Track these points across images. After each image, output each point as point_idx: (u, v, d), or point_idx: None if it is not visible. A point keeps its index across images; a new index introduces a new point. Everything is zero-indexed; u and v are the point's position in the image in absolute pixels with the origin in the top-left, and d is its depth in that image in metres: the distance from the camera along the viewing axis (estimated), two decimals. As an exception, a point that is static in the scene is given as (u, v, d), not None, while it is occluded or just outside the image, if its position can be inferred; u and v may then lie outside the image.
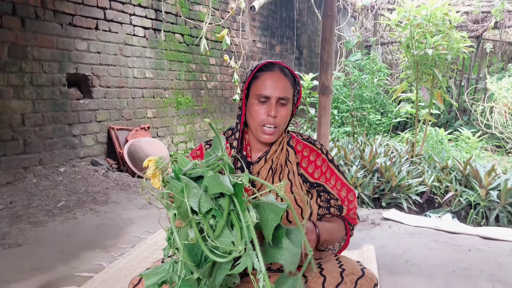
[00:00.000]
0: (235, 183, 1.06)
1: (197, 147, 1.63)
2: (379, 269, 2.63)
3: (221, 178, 1.06)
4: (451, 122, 8.69)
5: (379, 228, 3.49)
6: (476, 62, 9.41)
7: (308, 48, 10.54)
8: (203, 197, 1.05)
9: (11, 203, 3.83)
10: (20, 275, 2.50)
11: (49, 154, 4.65)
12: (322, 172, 1.58)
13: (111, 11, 5.28)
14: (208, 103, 7.24)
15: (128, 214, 3.72)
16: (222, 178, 1.05)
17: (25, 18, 4.34)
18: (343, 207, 1.58)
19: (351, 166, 4.66)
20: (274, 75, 1.49)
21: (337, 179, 1.59)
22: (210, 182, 1.05)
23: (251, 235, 1.04)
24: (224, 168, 1.12)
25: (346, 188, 1.59)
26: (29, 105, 4.43)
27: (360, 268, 1.43)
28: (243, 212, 1.05)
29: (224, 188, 1.02)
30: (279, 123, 1.49)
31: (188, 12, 6.55)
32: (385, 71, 8.24)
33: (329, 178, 1.59)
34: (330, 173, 1.59)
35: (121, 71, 5.50)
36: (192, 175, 1.13)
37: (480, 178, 4.21)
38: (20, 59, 4.33)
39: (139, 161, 5.22)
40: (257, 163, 1.56)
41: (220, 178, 1.06)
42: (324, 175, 1.58)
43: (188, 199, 1.04)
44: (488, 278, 2.53)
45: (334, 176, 1.59)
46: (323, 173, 1.58)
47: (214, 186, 1.03)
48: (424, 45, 5.02)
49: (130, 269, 2.56)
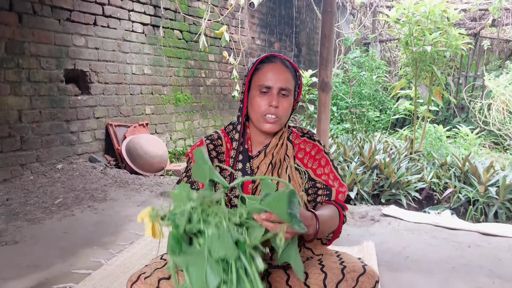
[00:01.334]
0: (237, 240, 1.03)
1: (197, 143, 1.61)
2: (379, 265, 2.62)
3: (222, 236, 1.01)
4: (449, 119, 8.70)
5: (378, 224, 3.48)
6: (474, 59, 9.41)
7: (307, 46, 10.52)
8: (208, 270, 1.00)
9: (8, 200, 3.81)
10: (17, 273, 2.48)
11: (46, 151, 4.63)
12: (316, 159, 1.58)
13: (109, 7, 5.25)
14: (207, 100, 7.22)
15: (126, 211, 3.70)
16: (223, 236, 1.01)
17: (22, 13, 4.32)
18: (332, 189, 1.53)
19: (350, 162, 4.65)
20: (276, 66, 1.50)
21: (331, 171, 1.57)
22: (213, 245, 1.01)
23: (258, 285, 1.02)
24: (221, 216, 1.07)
25: (339, 182, 1.56)
26: (26, 101, 4.41)
27: (361, 265, 1.42)
28: (250, 267, 1.02)
29: (229, 252, 0.99)
30: (281, 114, 1.49)
31: (187, 9, 6.52)
32: (383, 68, 8.23)
33: (324, 165, 1.57)
34: (325, 162, 1.58)
35: (120, 67, 5.48)
36: (192, 230, 1.09)
37: (479, 175, 4.21)
38: (17, 55, 4.30)
39: (138, 158, 5.20)
40: (257, 157, 1.55)
41: (221, 236, 1.01)
42: (318, 161, 1.57)
43: (193, 280, 1.00)
44: (487, 274, 2.53)
45: (329, 167, 1.57)
46: (316, 160, 1.57)
47: (217, 250, 1.00)
48: (423, 42, 5.01)
49: (128, 266, 2.55)
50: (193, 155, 1.20)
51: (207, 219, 1.07)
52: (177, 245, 1.06)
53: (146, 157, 5.23)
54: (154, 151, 5.33)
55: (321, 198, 1.53)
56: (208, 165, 1.18)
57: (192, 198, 1.10)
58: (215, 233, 1.03)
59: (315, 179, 1.55)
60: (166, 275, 1.33)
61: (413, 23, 5.03)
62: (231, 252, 0.99)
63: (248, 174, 1.53)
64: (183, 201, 1.11)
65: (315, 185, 1.55)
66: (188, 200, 1.10)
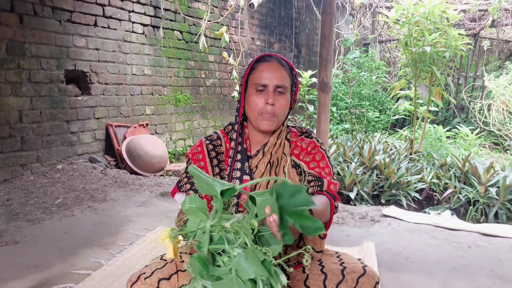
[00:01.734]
0: (264, 259, 1.01)
1: (197, 143, 1.62)
2: (379, 266, 2.62)
3: (249, 257, 1.00)
4: (449, 120, 8.70)
5: (378, 225, 3.48)
6: (473, 60, 9.41)
7: (307, 46, 10.52)
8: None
9: (8, 200, 3.81)
10: (17, 273, 2.48)
11: (46, 151, 4.63)
12: (310, 153, 1.57)
13: (110, 8, 5.26)
14: (207, 100, 7.23)
15: (126, 212, 3.70)
16: (251, 257, 1.00)
17: (23, 14, 4.32)
18: (323, 180, 1.51)
19: (350, 163, 4.66)
20: (271, 65, 1.51)
21: (326, 165, 1.56)
22: (241, 266, 1.00)
23: None
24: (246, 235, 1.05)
25: (331, 178, 1.55)
26: (27, 102, 4.41)
27: (361, 266, 1.42)
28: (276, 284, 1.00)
29: (259, 273, 0.98)
30: (278, 112, 1.50)
31: (187, 9, 6.53)
32: (383, 68, 8.23)
33: (319, 160, 1.56)
34: (321, 157, 1.57)
35: (120, 68, 5.48)
36: (215, 249, 1.07)
37: (479, 175, 4.21)
38: (18, 55, 4.30)
39: (138, 158, 5.20)
40: (255, 156, 1.56)
41: (248, 257, 1.00)
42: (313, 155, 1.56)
43: None
44: (488, 274, 2.53)
45: (324, 162, 1.56)
46: (310, 154, 1.57)
47: (247, 272, 0.98)
48: (422, 42, 5.02)
49: (128, 267, 2.55)
50: (190, 172, 1.18)
51: (226, 236, 1.06)
52: (205, 267, 1.04)
53: (146, 157, 5.23)
54: (154, 151, 5.33)
55: (312, 188, 1.51)
56: (208, 177, 1.15)
57: (210, 216, 1.08)
58: (241, 254, 1.01)
59: (307, 172, 1.54)
60: (166, 275, 1.33)
61: (413, 23, 5.04)
62: (261, 272, 0.98)
63: (247, 174, 1.54)
64: (199, 217, 1.10)
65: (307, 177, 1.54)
66: (205, 217, 1.09)
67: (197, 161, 1.57)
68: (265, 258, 1.00)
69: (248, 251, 1.01)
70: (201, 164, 1.56)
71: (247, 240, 1.03)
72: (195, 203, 1.12)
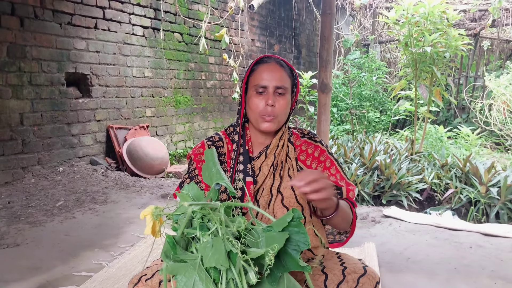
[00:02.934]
0: (230, 251, 1.00)
1: (199, 144, 1.62)
2: (380, 266, 2.62)
3: (216, 244, 0.99)
4: (450, 120, 8.70)
5: (379, 225, 3.48)
6: (474, 60, 9.41)
7: (307, 48, 10.53)
8: (197, 280, 0.98)
9: (9, 203, 3.81)
10: (18, 275, 2.49)
11: (47, 153, 4.64)
12: (320, 161, 1.57)
13: (110, 10, 5.27)
14: (207, 102, 7.23)
15: (127, 214, 3.71)
16: (216, 245, 0.98)
17: (24, 18, 4.33)
18: (342, 188, 1.53)
19: (351, 163, 4.65)
20: (271, 66, 1.52)
21: (337, 171, 1.57)
22: (205, 253, 0.99)
23: None
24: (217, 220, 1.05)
25: (345, 182, 1.56)
26: (28, 104, 4.42)
27: (362, 266, 1.42)
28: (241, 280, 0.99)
29: (219, 262, 0.96)
30: (278, 113, 1.50)
31: (187, 11, 6.54)
32: (383, 69, 8.23)
33: (329, 167, 1.57)
34: (330, 163, 1.58)
35: (120, 70, 5.49)
36: (190, 234, 1.08)
37: (480, 175, 4.20)
38: (19, 58, 4.31)
39: (138, 160, 5.21)
40: (258, 158, 1.55)
41: (214, 244, 0.99)
42: (323, 163, 1.57)
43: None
44: (489, 274, 2.52)
45: (334, 167, 1.57)
46: (321, 162, 1.57)
47: (209, 259, 0.97)
48: (422, 43, 5.02)
49: (129, 268, 2.55)
50: (204, 155, 1.20)
51: (207, 225, 1.06)
52: (172, 248, 1.04)
53: (147, 159, 5.24)
54: (154, 153, 5.34)
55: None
56: (216, 168, 1.17)
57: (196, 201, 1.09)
58: (209, 241, 1.01)
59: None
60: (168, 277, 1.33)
61: (413, 24, 5.04)
62: (222, 262, 0.96)
63: (250, 175, 1.53)
64: (187, 201, 1.10)
65: None
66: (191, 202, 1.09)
67: (199, 162, 1.57)
68: (231, 250, 0.99)
69: (216, 239, 1.00)
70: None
71: (220, 230, 1.03)
72: (191, 191, 1.14)
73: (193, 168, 1.57)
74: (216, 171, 1.16)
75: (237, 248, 1.00)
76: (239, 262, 0.99)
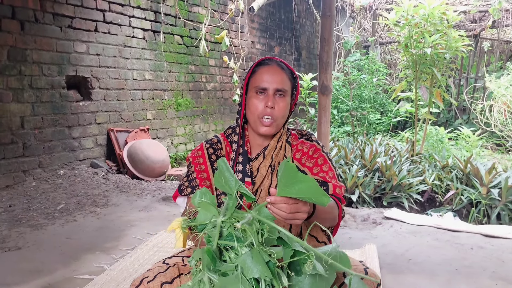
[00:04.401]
0: (269, 260, 1.03)
1: (197, 147, 1.63)
2: (381, 268, 2.62)
3: (255, 256, 1.02)
4: (451, 121, 8.69)
5: (380, 227, 3.48)
6: (474, 61, 9.42)
7: (307, 49, 10.54)
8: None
9: (10, 206, 3.82)
10: (20, 278, 2.49)
11: (48, 157, 4.64)
12: (313, 158, 1.57)
13: (110, 13, 5.28)
14: (208, 104, 7.24)
15: (128, 216, 3.71)
16: (256, 257, 1.02)
17: (24, 21, 4.34)
18: (329, 184, 1.51)
19: (352, 165, 4.65)
20: (271, 68, 1.53)
21: (330, 169, 1.56)
22: (246, 264, 1.02)
23: None
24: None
25: (335, 181, 1.55)
26: (29, 108, 4.43)
27: (363, 267, 1.42)
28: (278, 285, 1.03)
29: (263, 273, 1.00)
30: (277, 115, 1.51)
31: (187, 14, 6.55)
32: (384, 70, 8.23)
33: (321, 164, 1.56)
34: (323, 161, 1.57)
35: (121, 73, 5.50)
36: (223, 245, 1.10)
37: (481, 176, 4.20)
38: (20, 62, 4.32)
39: (139, 163, 5.21)
40: (256, 159, 1.57)
41: (254, 256, 1.02)
42: (316, 160, 1.57)
43: None
44: (490, 276, 2.52)
45: (327, 165, 1.56)
46: (313, 159, 1.57)
47: (251, 270, 1.00)
48: (423, 44, 5.02)
49: (131, 271, 2.55)
50: (218, 164, 1.20)
51: (236, 234, 1.09)
52: (213, 261, 1.07)
53: (148, 162, 5.24)
54: (155, 156, 5.34)
55: None
56: (234, 177, 1.17)
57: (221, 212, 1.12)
58: (248, 253, 1.04)
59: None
60: (169, 279, 1.34)
61: (413, 25, 5.04)
62: (265, 272, 1.00)
63: (248, 176, 1.54)
64: (210, 212, 1.12)
65: None
66: (216, 212, 1.12)
67: (198, 164, 1.58)
68: (270, 260, 1.02)
69: (254, 251, 1.03)
70: (202, 168, 1.57)
71: (254, 241, 1.05)
72: (205, 198, 1.15)
73: (192, 171, 1.58)
74: (235, 180, 1.17)
75: (273, 257, 1.03)
76: (274, 269, 1.03)
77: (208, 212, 1.13)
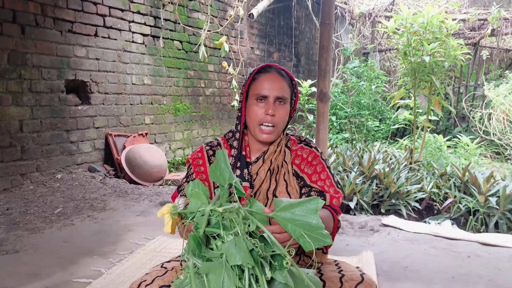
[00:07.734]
0: (252, 249, 1.06)
1: (197, 149, 1.65)
2: (378, 275, 2.62)
3: (239, 244, 1.04)
4: (449, 129, 8.71)
5: (378, 234, 3.48)
6: (473, 69, 9.45)
7: (306, 56, 10.58)
8: (226, 277, 1.03)
9: (8, 209, 3.81)
10: (17, 282, 2.49)
11: (46, 160, 4.64)
12: (312, 165, 1.59)
13: (110, 18, 5.30)
14: (206, 110, 7.25)
15: (126, 221, 3.71)
16: (240, 244, 1.04)
17: (25, 25, 4.36)
18: (326, 195, 1.52)
19: (350, 172, 4.66)
20: (272, 76, 1.54)
21: (327, 177, 1.57)
22: (230, 252, 1.04)
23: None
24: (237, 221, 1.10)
25: (334, 189, 1.56)
26: (28, 111, 4.43)
27: (359, 273, 1.43)
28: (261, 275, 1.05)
29: (246, 260, 1.02)
30: (277, 122, 1.53)
31: (187, 20, 6.57)
32: (383, 78, 8.25)
33: (320, 172, 1.57)
34: (321, 168, 1.58)
35: (120, 77, 5.51)
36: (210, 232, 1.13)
37: (479, 185, 4.21)
38: (20, 66, 4.33)
39: (137, 168, 5.21)
40: (255, 163, 1.58)
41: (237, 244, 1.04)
42: (315, 167, 1.58)
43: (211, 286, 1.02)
44: (487, 284, 2.52)
45: (325, 173, 1.57)
46: (312, 165, 1.58)
47: (234, 257, 1.02)
48: (421, 52, 5.04)
49: (128, 275, 2.55)
50: (216, 155, 1.22)
51: (223, 223, 1.12)
52: (198, 246, 1.10)
53: (145, 166, 5.24)
54: (153, 160, 5.34)
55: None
56: (230, 169, 1.21)
57: (211, 201, 1.15)
58: (232, 240, 1.06)
59: (311, 185, 1.55)
60: (167, 282, 1.34)
61: (412, 33, 5.07)
62: (247, 260, 1.02)
63: (246, 180, 1.56)
64: (201, 200, 1.15)
65: (310, 192, 1.55)
66: (206, 202, 1.15)
67: (197, 166, 1.60)
68: (253, 248, 1.05)
69: (238, 239, 1.06)
70: (201, 169, 1.59)
71: (239, 230, 1.08)
72: (197, 188, 1.18)
73: (191, 172, 1.60)
74: (230, 173, 1.20)
75: (257, 246, 1.06)
76: (258, 258, 1.06)
77: (199, 200, 1.16)
